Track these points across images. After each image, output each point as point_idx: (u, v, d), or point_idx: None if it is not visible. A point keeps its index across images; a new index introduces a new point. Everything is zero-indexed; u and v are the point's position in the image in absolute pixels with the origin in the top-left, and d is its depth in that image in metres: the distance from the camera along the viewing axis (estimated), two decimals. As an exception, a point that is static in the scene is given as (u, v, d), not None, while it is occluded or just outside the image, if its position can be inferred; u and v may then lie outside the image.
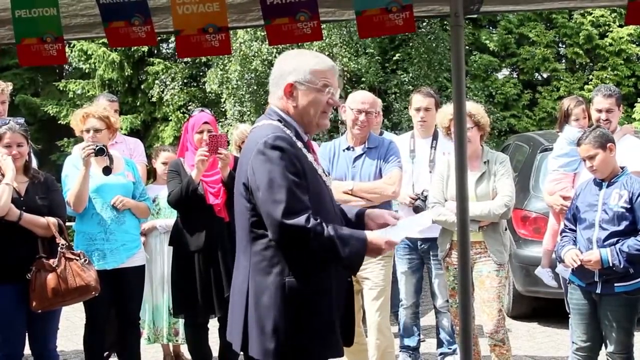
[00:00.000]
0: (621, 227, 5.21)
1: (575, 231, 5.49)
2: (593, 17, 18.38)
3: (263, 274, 3.53)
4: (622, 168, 5.41)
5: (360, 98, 6.07)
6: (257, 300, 3.53)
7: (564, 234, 5.58)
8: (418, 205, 6.62)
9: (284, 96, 3.67)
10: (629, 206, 5.21)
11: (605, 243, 5.22)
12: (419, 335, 7.21)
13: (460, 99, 4.62)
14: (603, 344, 5.42)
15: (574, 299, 5.51)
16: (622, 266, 5.13)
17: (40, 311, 5.25)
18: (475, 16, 8.37)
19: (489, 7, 4.92)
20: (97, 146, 5.85)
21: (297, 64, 3.68)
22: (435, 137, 6.93)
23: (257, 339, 3.52)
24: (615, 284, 5.23)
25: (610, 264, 5.14)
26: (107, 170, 5.98)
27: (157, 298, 7.01)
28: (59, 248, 5.30)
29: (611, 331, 5.29)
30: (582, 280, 5.39)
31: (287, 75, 3.67)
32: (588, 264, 5.21)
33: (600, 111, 6.21)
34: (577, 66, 19.02)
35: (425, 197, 6.56)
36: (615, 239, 5.20)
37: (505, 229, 6.05)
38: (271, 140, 3.46)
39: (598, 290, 5.29)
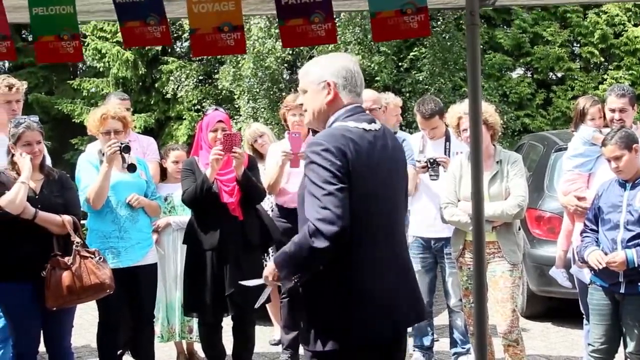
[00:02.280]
0: None
1: (596, 232, 5.46)
2: (608, 16, 18.26)
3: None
4: None
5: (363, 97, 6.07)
6: (412, 275, 4.00)
7: (585, 235, 5.54)
8: (433, 174, 6.61)
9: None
10: None
11: (630, 244, 5.21)
12: (432, 334, 7.20)
13: (476, 98, 4.61)
14: (622, 345, 5.40)
15: (595, 299, 5.48)
16: None
17: (55, 309, 5.27)
18: (490, 8, 8.35)
19: (504, 1, 4.91)
20: (122, 144, 5.88)
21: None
22: (447, 138, 6.92)
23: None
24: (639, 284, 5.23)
25: (636, 265, 5.14)
26: (132, 168, 6.03)
27: (170, 296, 7.02)
28: (73, 246, 5.31)
29: (632, 331, 5.28)
30: (605, 280, 5.37)
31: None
32: (613, 265, 5.20)
33: (613, 111, 6.19)
34: (591, 65, 18.90)
35: (433, 161, 6.55)
36: None
37: (519, 229, 6.03)
38: None
39: (622, 290, 5.28)
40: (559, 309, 8.48)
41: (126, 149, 5.92)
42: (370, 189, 3.64)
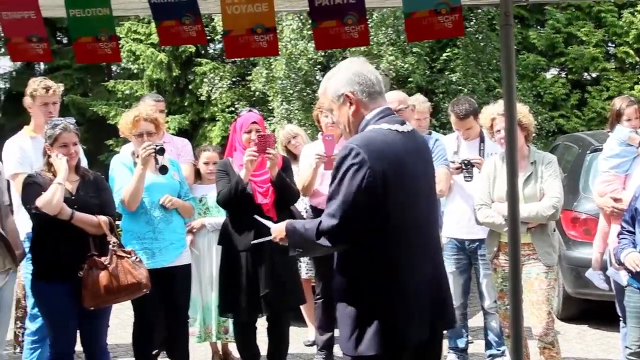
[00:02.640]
0: None
1: (633, 233, 5.41)
2: (644, 15, 18.13)
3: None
4: None
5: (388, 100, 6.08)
6: (445, 278, 4.01)
7: (622, 236, 5.49)
8: (466, 175, 6.60)
9: None
10: None
11: None
12: (467, 336, 7.17)
13: (510, 99, 4.59)
14: None
15: (632, 301, 5.44)
16: None
17: (92, 309, 5.30)
18: (523, 9, 8.28)
19: (538, -1, 4.91)
20: (157, 146, 5.92)
21: None
22: (482, 139, 6.89)
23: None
24: None
25: None
26: (164, 170, 6.07)
27: (206, 297, 7.04)
28: (110, 246, 5.35)
29: None
30: None
31: None
32: None
33: None
34: (627, 66, 18.73)
35: (467, 162, 6.53)
36: None
37: (554, 230, 5.99)
38: None
39: None
40: (595, 311, 8.41)
41: (161, 151, 5.97)
42: (406, 192, 3.66)
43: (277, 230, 4.01)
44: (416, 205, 3.72)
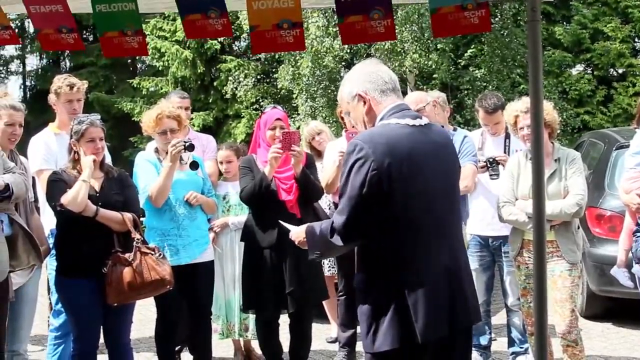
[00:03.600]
0: None
1: None
2: (671, 10, 18.00)
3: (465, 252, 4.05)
4: None
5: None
6: (466, 275, 3.90)
7: (638, 235, 5.46)
8: (493, 173, 6.57)
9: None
10: None
11: None
12: (490, 333, 7.14)
13: (537, 96, 4.55)
14: None
15: None
16: None
17: (115, 305, 5.33)
18: (549, 4, 8.26)
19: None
20: (186, 142, 5.96)
21: None
22: (507, 135, 6.86)
23: (478, 307, 3.98)
24: None
25: None
26: (194, 166, 6.13)
27: (228, 294, 7.06)
28: (134, 243, 5.36)
29: None
30: None
31: None
32: None
33: None
34: (653, 61, 18.62)
35: (492, 160, 6.50)
36: None
37: (578, 227, 5.95)
38: None
39: None
40: (619, 309, 8.36)
41: (190, 147, 6.01)
42: (416, 185, 3.66)
43: (296, 234, 4.08)
44: (430, 199, 3.71)
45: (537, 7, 4.49)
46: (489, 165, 6.56)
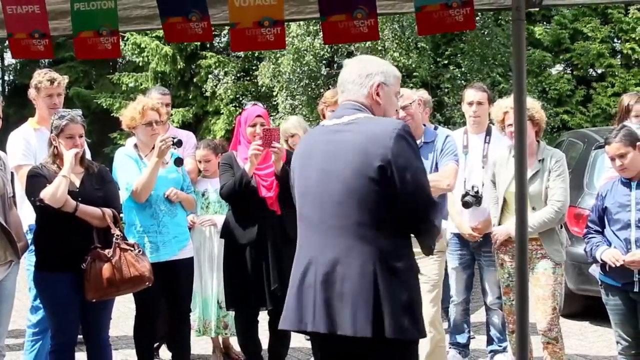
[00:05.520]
0: None
1: (600, 232, 5.47)
2: (650, 12, 18.09)
3: (394, 258, 3.71)
4: None
5: None
6: (389, 284, 3.66)
7: (591, 236, 5.53)
8: (467, 201, 6.59)
9: (371, 94, 3.92)
10: None
11: None
12: (469, 332, 7.17)
13: (521, 94, 4.57)
14: None
15: (611, 299, 5.47)
16: None
17: (94, 301, 5.30)
18: (535, 9, 8.26)
19: (550, 0, 4.87)
20: (175, 138, 5.97)
21: (383, 68, 3.98)
22: (488, 132, 6.88)
23: (394, 321, 3.64)
24: None
25: None
26: (179, 162, 6.16)
27: (206, 291, 7.05)
28: (113, 239, 5.35)
29: None
30: (617, 280, 5.35)
31: (375, 75, 3.94)
32: (632, 265, 5.17)
33: None
34: (632, 62, 18.71)
35: (476, 192, 6.53)
36: None
37: (561, 227, 5.99)
38: (407, 127, 3.76)
39: (636, 289, 5.26)
40: (596, 308, 8.39)
41: (179, 143, 6.05)
42: (303, 184, 3.96)
43: None
44: (311, 198, 3.90)
45: (521, 6, 4.49)
46: (470, 195, 6.59)
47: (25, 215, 5.94)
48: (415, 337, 3.75)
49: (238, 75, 19.42)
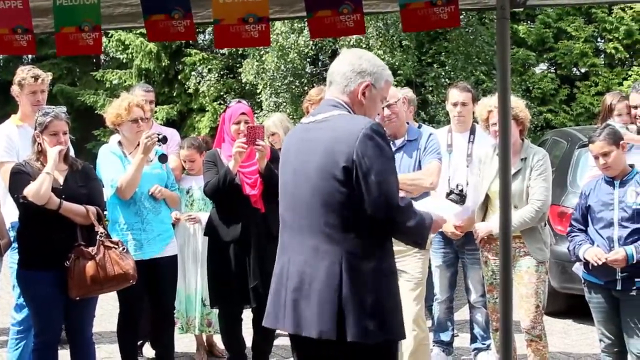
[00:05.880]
0: None
1: (584, 231, 5.50)
2: (634, 11, 18.15)
3: (361, 260, 3.62)
4: (631, 166, 5.42)
5: None
6: (354, 286, 3.59)
7: (574, 234, 5.56)
8: (452, 199, 6.59)
9: (358, 93, 3.81)
10: None
11: (628, 241, 5.23)
12: (452, 330, 7.17)
13: (505, 93, 4.57)
14: (627, 345, 5.39)
15: (594, 298, 5.50)
16: None
17: (77, 299, 5.27)
18: (522, 9, 8.30)
19: (535, 0, 4.87)
20: (160, 135, 5.97)
21: (377, 70, 3.85)
22: (472, 131, 6.89)
23: (356, 324, 3.57)
24: (636, 279, 5.24)
25: (635, 261, 5.16)
26: (163, 159, 6.14)
27: (189, 289, 7.04)
28: (97, 236, 5.32)
29: (634, 329, 5.29)
30: (600, 278, 5.38)
31: (366, 75, 3.81)
32: (615, 263, 5.20)
33: (635, 107, 6.21)
34: (616, 61, 18.80)
35: (460, 191, 6.53)
36: (637, 236, 5.22)
37: (545, 225, 6.00)
38: (376, 127, 3.62)
39: (618, 287, 5.30)
40: (580, 306, 8.42)
41: (164, 139, 6.06)
42: (283, 181, 3.94)
43: None
44: (287, 198, 3.88)
45: (506, 5, 4.50)
46: (455, 192, 6.59)
47: (8, 213, 5.91)
48: (380, 341, 3.63)
49: (222, 72, 19.39)
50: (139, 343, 6.80)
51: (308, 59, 17.55)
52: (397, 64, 16.01)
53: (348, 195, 3.57)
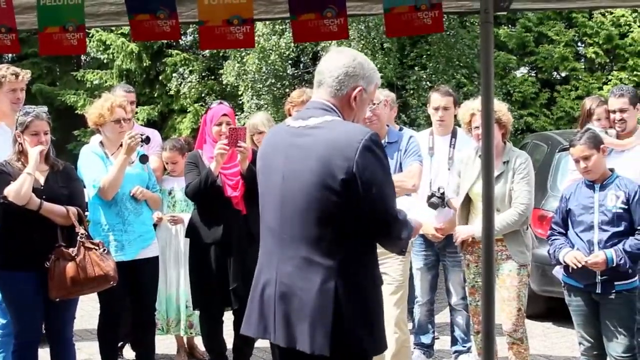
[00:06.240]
0: (621, 228, 5.29)
1: (564, 234, 5.53)
2: (614, 16, 18.25)
3: (355, 272, 3.55)
4: (611, 170, 5.46)
5: None
6: (349, 301, 3.51)
7: (554, 237, 5.58)
8: (433, 202, 6.61)
9: (349, 97, 3.69)
10: (626, 207, 5.28)
11: (608, 244, 5.26)
12: (433, 332, 7.19)
13: (488, 97, 4.57)
14: (607, 348, 5.41)
15: (574, 301, 5.54)
16: (627, 266, 5.20)
17: (57, 300, 5.26)
18: (504, 13, 8.28)
19: (519, 4, 4.87)
20: (143, 135, 5.97)
21: (369, 74, 3.75)
22: (454, 134, 6.91)
23: (351, 338, 3.52)
24: (615, 283, 5.28)
25: (615, 264, 5.19)
26: (144, 159, 6.14)
27: (170, 290, 7.02)
28: (78, 237, 5.30)
29: (614, 333, 5.32)
30: (580, 281, 5.42)
31: (359, 79, 3.70)
32: (595, 266, 5.23)
33: (614, 112, 6.28)
34: (596, 66, 18.90)
35: (442, 194, 6.55)
36: (617, 240, 5.26)
37: (527, 228, 6.03)
38: (375, 137, 3.50)
39: (598, 291, 5.33)
40: (560, 309, 8.45)
41: (147, 140, 6.05)
42: (265, 187, 3.78)
43: None
44: (272, 204, 3.70)
45: (490, 8, 4.50)
46: (436, 196, 6.60)
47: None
48: (372, 349, 3.62)
49: (203, 74, 19.35)
50: (119, 344, 6.78)
51: (289, 61, 17.54)
52: (378, 66, 16.00)
53: (345, 207, 3.47)
